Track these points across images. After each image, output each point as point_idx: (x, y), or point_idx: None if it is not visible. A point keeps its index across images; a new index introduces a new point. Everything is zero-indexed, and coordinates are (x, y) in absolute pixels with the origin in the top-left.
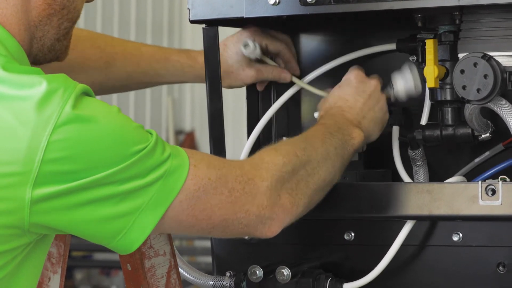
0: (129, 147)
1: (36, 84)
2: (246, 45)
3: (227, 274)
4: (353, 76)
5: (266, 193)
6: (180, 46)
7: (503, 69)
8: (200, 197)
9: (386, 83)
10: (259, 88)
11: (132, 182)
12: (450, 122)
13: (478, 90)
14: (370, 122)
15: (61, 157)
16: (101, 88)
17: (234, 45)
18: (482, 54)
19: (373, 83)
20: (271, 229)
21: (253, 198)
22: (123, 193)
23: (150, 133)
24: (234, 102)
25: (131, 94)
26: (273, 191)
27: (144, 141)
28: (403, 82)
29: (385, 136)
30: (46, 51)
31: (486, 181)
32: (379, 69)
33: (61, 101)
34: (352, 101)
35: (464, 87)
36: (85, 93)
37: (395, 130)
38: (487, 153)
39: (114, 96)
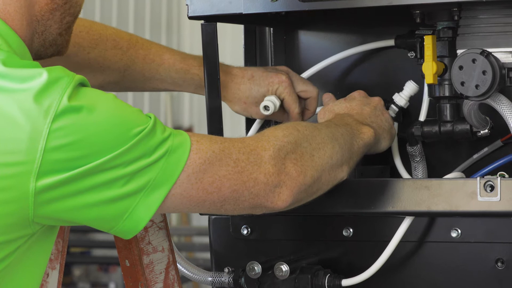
0: (129, 130)
1: (37, 76)
2: (266, 108)
3: (226, 270)
4: (356, 93)
5: (270, 161)
6: (179, 42)
7: (502, 65)
8: (206, 169)
9: (386, 81)
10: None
11: (136, 163)
12: (448, 118)
13: (476, 86)
14: (379, 128)
15: (63, 144)
16: (116, 87)
17: (261, 78)
18: (481, 50)
19: (376, 98)
20: (282, 198)
21: (258, 167)
22: (128, 174)
23: (149, 116)
24: None
25: None
26: (277, 159)
27: (144, 122)
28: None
29: None
30: (48, 45)
31: (485, 177)
32: (378, 65)
33: (60, 91)
34: (359, 109)
35: (462, 83)
36: (82, 84)
37: (390, 109)
38: (485, 149)
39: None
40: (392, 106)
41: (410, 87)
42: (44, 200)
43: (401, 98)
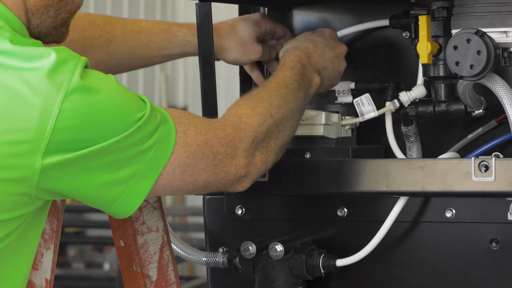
0: (131, 115)
1: (45, 55)
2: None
3: (220, 250)
4: (328, 31)
5: (243, 154)
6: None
7: (496, 45)
8: (190, 163)
9: (380, 61)
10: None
11: (134, 148)
12: (443, 98)
13: (471, 66)
14: (327, 76)
15: (71, 125)
16: (105, 67)
17: (245, 20)
18: (475, 30)
19: (343, 46)
20: (243, 185)
21: (232, 159)
22: (125, 159)
23: (143, 100)
24: (227, 78)
25: None
26: (249, 151)
27: (142, 108)
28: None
29: None
30: (43, 35)
31: (479, 157)
32: (372, 45)
33: (69, 70)
34: (320, 49)
35: (457, 63)
36: (86, 66)
37: (391, 103)
38: (480, 129)
39: None
40: (395, 101)
41: (419, 91)
42: (48, 177)
43: (405, 95)
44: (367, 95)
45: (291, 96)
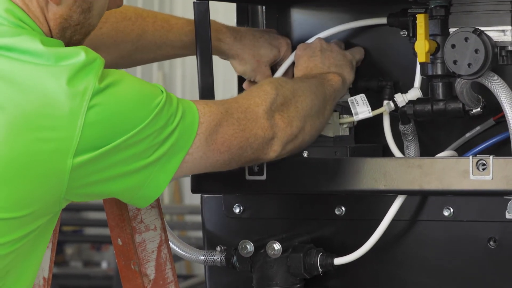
0: (151, 101)
1: (75, 55)
2: None
3: (218, 248)
4: (299, 50)
5: (264, 116)
6: None
7: (494, 44)
8: (218, 130)
9: (378, 60)
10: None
11: (164, 132)
12: (441, 96)
13: (469, 64)
14: (336, 67)
15: (99, 121)
16: (130, 61)
17: (271, 41)
18: (473, 28)
19: (316, 42)
20: (274, 148)
21: (256, 123)
22: (157, 143)
23: (155, 86)
24: (225, 76)
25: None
26: (268, 113)
27: (159, 92)
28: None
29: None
30: None
31: (477, 155)
32: (370, 43)
33: (94, 70)
34: (311, 64)
35: (455, 62)
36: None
37: (386, 105)
38: (478, 128)
39: None
40: (390, 102)
41: (415, 94)
42: (78, 175)
43: (400, 97)
44: (362, 95)
45: (298, 80)
